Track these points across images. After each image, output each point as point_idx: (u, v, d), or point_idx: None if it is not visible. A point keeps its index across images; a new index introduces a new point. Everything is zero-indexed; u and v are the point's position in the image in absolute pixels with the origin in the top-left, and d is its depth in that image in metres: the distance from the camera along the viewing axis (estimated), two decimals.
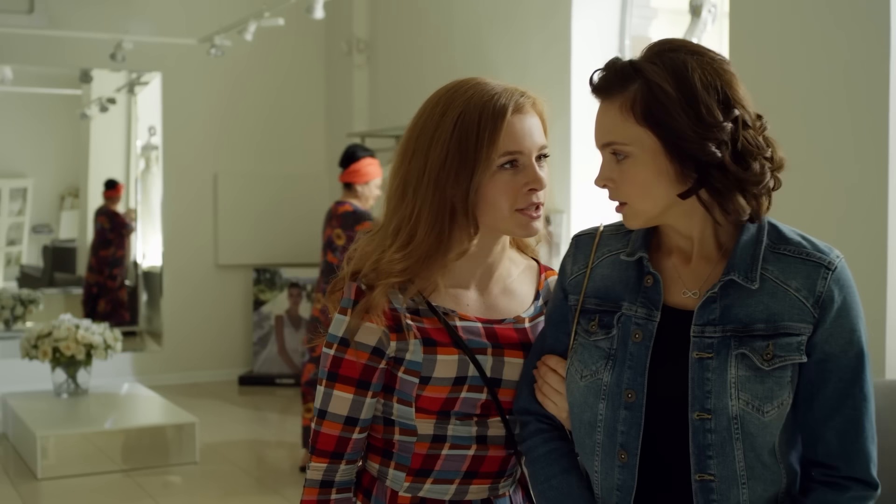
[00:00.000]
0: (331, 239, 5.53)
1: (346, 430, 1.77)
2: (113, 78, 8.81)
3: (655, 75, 1.56)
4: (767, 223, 1.65)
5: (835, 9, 3.61)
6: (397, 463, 1.80)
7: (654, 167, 1.58)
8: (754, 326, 1.58)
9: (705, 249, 1.66)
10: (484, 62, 6.64)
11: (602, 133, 1.62)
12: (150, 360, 8.58)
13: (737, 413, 1.56)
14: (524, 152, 1.74)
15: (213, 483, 5.78)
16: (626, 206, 1.63)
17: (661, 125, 1.55)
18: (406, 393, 1.76)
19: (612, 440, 1.65)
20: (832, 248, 1.63)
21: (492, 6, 6.68)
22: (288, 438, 6.89)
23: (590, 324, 1.72)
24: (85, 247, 9.16)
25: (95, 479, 5.70)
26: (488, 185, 1.73)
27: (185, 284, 8.58)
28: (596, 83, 1.62)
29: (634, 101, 1.56)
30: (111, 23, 8.05)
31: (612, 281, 1.72)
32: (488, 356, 1.76)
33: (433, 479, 1.78)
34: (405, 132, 1.82)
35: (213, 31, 7.52)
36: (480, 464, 1.79)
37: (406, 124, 6.48)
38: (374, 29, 8.25)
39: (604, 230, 1.80)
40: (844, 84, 3.53)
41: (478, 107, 1.72)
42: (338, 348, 1.77)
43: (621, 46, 6.01)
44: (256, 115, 8.64)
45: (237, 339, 8.73)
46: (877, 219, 3.39)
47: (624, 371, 1.64)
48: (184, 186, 8.54)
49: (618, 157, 1.60)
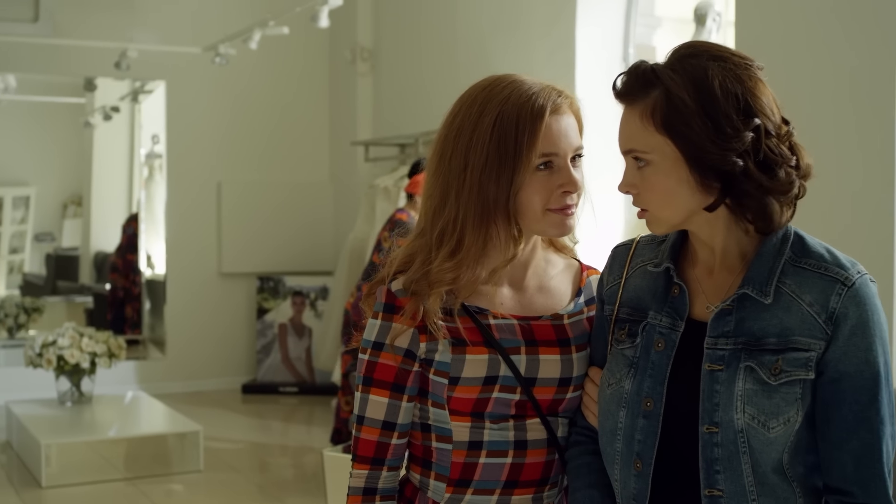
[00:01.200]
0: (380, 241, 5.81)
1: (384, 434, 1.76)
2: (116, 86, 8.83)
3: (674, 84, 1.53)
4: (793, 234, 1.61)
5: (841, 16, 3.62)
6: (437, 473, 1.79)
7: (675, 176, 1.56)
8: (766, 340, 1.55)
9: (728, 260, 1.64)
10: (488, 70, 6.61)
11: (624, 139, 1.60)
12: (154, 368, 8.57)
13: (742, 427, 1.53)
14: (560, 154, 1.73)
15: (217, 491, 5.77)
16: (647, 212, 1.61)
17: (679, 135, 1.53)
18: (438, 395, 1.75)
19: (629, 448, 1.64)
20: (856, 263, 1.58)
21: (495, 14, 6.69)
22: (291, 445, 6.89)
23: (620, 333, 1.72)
24: (88, 255, 9.17)
25: (100, 487, 5.70)
26: (525, 184, 1.72)
27: (188, 292, 8.58)
28: (619, 88, 1.60)
29: (654, 109, 1.54)
30: (116, 31, 8.06)
31: (642, 291, 1.72)
32: (522, 355, 1.75)
33: (473, 490, 1.76)
34: (440, 131, 1.80)
35: (218, 39, 7.53)
36: (520, 471, 1.77)
37: (410, 132, 6.52)
38: (378, 37, 8.26)
39: (640, 241, 1.79)
40: (850, 92, 3.53)
41: (516, 107, 1.71)
42: (371, 352, 1.77)
43: (625, 54, 6.02)
44: (260, 123, 8.64)
45: (240, 347, 8.73)
46: (883, 226, 3.39)
47: (645, 379, 1.64)
48: (188, 195, 8.54)
49: (639, 164, 1.58)
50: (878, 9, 3.48)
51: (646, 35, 6.20)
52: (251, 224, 8.52)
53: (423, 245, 1.79)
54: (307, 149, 8.76)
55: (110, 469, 5.88)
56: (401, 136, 7.52)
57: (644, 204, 1.61)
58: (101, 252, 9.24)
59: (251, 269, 8.60)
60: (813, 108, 3.59)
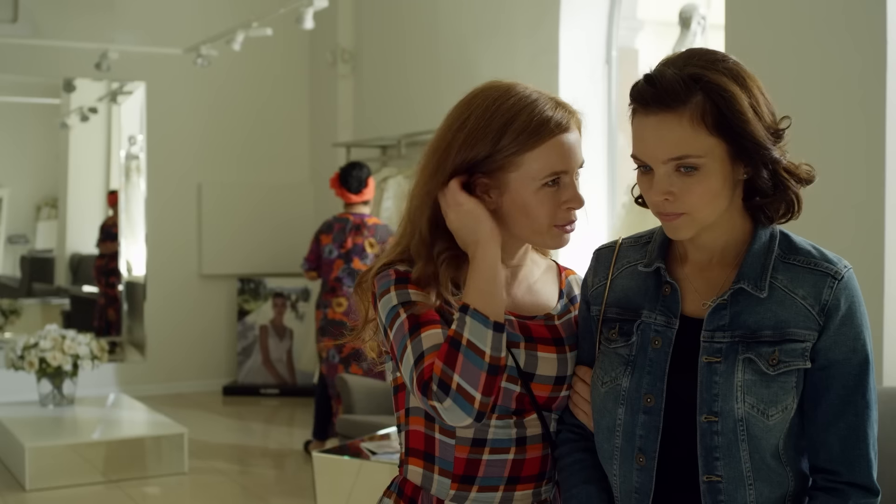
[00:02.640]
0: (362, 247, 6.05)
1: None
2: (94, 87, 8.77)
3: (726, 83, 1.57)
4: (779, 233, 1.69)
5: (830, 22, 3.66)
6: (441, 468, 1.80)
7: (722, 176, 1.59)
8: (762, 333, 1.61)
9: (722, 258, 1.69)
10: (470, 73, 6.67)
11: (667, 147, 1.58)
12: (133, 370, 8.54)
13: (742, 416, 1.59)
14: (568, 171, 1.76)
15: (201, 493, 5.77)
16: (683, 216, 1.61)
17: (736, 133, 1.57)
18: None
19: (630, 444, 1.68)
20: (841, 258, 1.66)
21: (478, 17, 6.72)
22: (273, 447, 6.89)
23: (610, 332, 1.76)
24: (64, 257, 9.10)
25: (84, 489, 5.68)
26: (531, 199, 1.75)
27: (168, 294, 8.56)
28: (650, 97, 1.60)
29: (704, 112, 1.56)
30: (96, 32, 8.03)
31: (631, 291, 1.76)
32: (521, 349, 1.78)
33: (478, 487, 1.78)
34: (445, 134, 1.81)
35: (199, 40, 7.52)
36: (521, 467, 1.80)
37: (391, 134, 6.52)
38: (359, 39, 8.27)
39: (622, 243, 1.83)
40: (839, 96, 3.57)
41: (528, 123, 1.74)
42: (406, 308, 1.74)
43: (608, 57, 6.06)
44: (241, 124, 8.64)
45: (221, 349, 8.71)
46: (872, 229, 3.44)
47: (643, 377, 1.68)
48: (168, 196, 8.52)
49: (684, 170, 1.59)
50: (867, 13, 3.52)
51: (628, 38, 6.25)
52: (231, 225, 8.51)
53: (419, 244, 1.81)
54: (288, 150, 8.76)
55: (94, 472, 5.86)
56: (381, 137, 7.54)
57: (681, 208, 1.61)
58: (76, 254, 9.18)
59: (232, 270, 8.59)
60: (801, 112, 3.62)
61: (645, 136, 1.61)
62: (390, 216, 7.01)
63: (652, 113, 1.60)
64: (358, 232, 6.12)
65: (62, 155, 8.97)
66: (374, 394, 5.53)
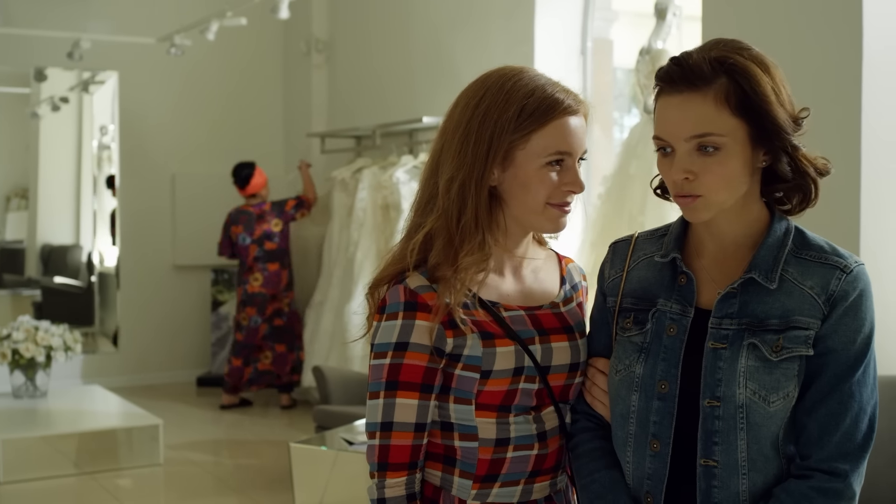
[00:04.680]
0: (269, 230, 7.60)
1: (417, 437, 1.73)
2: (65, 77, 8.70)
3: (752, 67, 1.60)
4: (794, 228, 1.71)
5: (807, 14, 3.69)
6: (462, 471, 1.77)
7: (742, 158, 1.62)
8: (769, 322, 1.64)
9: (739, 249, 1.71)
10: (445, 64, 6.67)
11: (690, 125, 1.61)
12: (106, 361, 8.49)
13: (743, 402, 1.62)
14: (572, 154, 1.77)
15: (176, 484, 5.76)
16: (700, 198, 1.63)
17: (759, 115, 1.60)
18: (465, 391, 1.74)
19: (644, 430, 1.70)
20: (854, 255, 1.69)
21: (453, 7, 6.71)
22: (248, 438, 6.87)
23: (625, 321, 1.78)
24: (35, 248, 9.03)
25: (59, 482, 5.65)
26: (533, 176, 1.75)
27: (141, 285, 8.52)
28: (677, 76, 1.62)
29: (728, 93, 1.59)
30: (68, 21, 7.97)
31: (647, 281, 1.78)
32: (537, 345, 1.78)
33: (500, 483, 1.77)
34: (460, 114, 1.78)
35: (172, 30, 7.47)
36: (543, 461, 1.80)
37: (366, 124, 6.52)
38: (334, 29, 8.24)
39: (638, 236, 1.86)
40: (816, 89, 3.59)
41: (539, 101, 1.74)
42: (394, 355, 1.72)
43: (583, 48, 6.07)
44: (214, 115, 8.60)
45: (195, 340, 8.68)
46: (848, 228, 3.48)
47: (658, 363, 1.70)
48: (140, 187, 8.48)
49: (706, 150, 1.61)
50: (843, 5, 3.55)
51: (603, 29, 6.27)
52: (205, 216, 8.45)
53: (442, 227, 1.77)
54: (262, 141, 8.71)
55: (69, 464, 5.83)
56: (356, 128, 7.52)
57: (700, 189, 1.63)
58: (47, 245, 9.11)
59: (205, 261, 8.55)
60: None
61: (668, 114, 1.64)
62: (365, 206, 7.01)
63: (677, 92, 1.63)
64: (262, 220, 7.59)
65: (33, 145, 8.89)
66: (350, 384, 5.53)
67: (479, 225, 1.76)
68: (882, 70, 3.54)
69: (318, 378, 5.50)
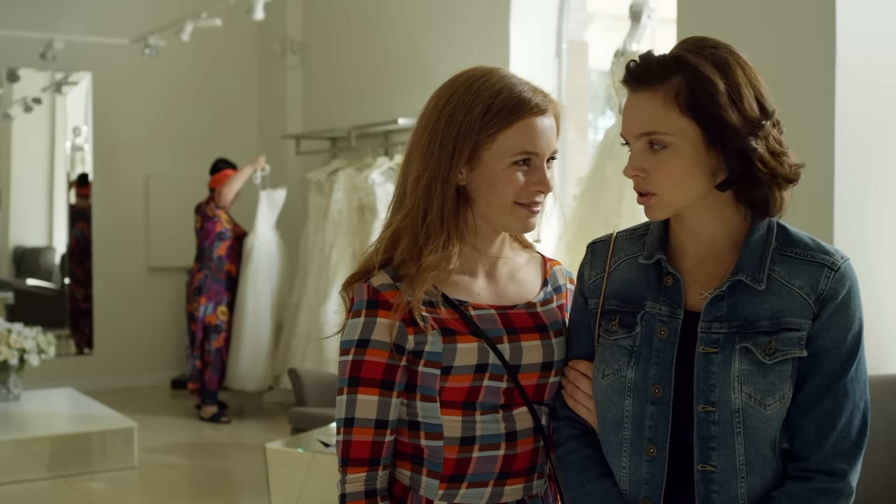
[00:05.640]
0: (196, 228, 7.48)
1: (378, 434, 1.75)
2: (38, 77, 8.64)
3: (704, 68, 1.60)
4: (776, 225, 1.70)
5: (781, 17, 3.71)
6: (429, 470, 1.78)
7: (692, 158, 1.61)
8: (759, 323, 1.63)
9: (718, 249, 1.70)
10: (420, 65, 6.67)
11: (640, 123, 1.63)
12: (81, 364, 8.44)
13: (739, 406, 1.61)
14: (539, 153, 1.76)
15: (151, 487, 5.73)
16: (653, 196, 1.65)
17: (708, 116, 1.59)
18: (429, 387, 1.75)
19: (639, 435, 1.68)
20: (839, 250, 1.68)
21: (428, 8, 6.72)
22: (223, 440, 6.85)
23: (610, 324, 1.75)
24: (7, 250, 8.95)
25: (32, 485, 5.61)
26: (499, 175, 1.75)
27: (116, 287, 8.47)
28: (635, 73, 1.64)
29: (679, 93, 1.60)
30: (41, 21, 7.92)
31: (631, 283, 1.76)
32: (505, 343, 1.77)
33: (468, 484, 1.77)
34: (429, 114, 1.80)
35: (147, 31, 7.44)
36: (512, 462, 1.79)
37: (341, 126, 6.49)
38: (308, 30, 8.23)
39: (617, 236, 1.84)
40: (790, 91, 3.62)
41: (505, 100, 1.74)
42: (356, 351, 1.74)
43: (559, 50, 6.09)
44: (189, 116, 8.56)
45: (170, 342, 8.64)
46: (822, 229, 3.51)
47: (650, 367, 1.68)
48: (114, 188, 8.43)
49: (654, 147, 1.62)
50: (817, 8, 3.57)
51: (578, 31, 6.29)
52: (180, 218, 8.40)
53: (410, 227, 1.78)
54: (237, 142, 8.68)
55: (42, 468, 5.79)
56: (331, 129, 7.51)
57: (652, 187, 1.64)
58: (19, 246, 9.05)
59: (180, 263, 8.50)
60: None
61: (627, 112, 1.66)
62: (340, 208, 7.00)
63: (633, 91, 1.65)
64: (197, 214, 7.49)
65: (5, 146, 8.82)
66: (325, 386, 5.52)
67: (444, 223, 1.76)
68: (855, 70, 3.57)
69: (293, 380, 5.48)
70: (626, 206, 4.74)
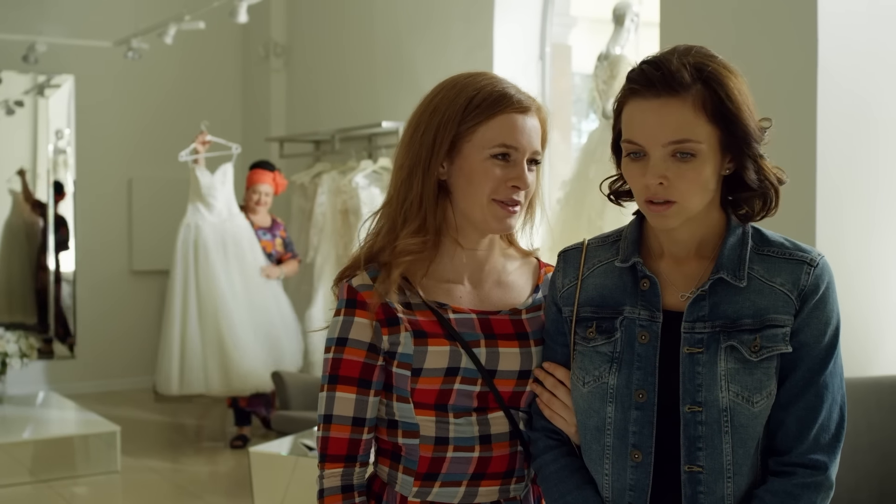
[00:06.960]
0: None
1: (355, 431, 1.78)
2: (20, 80, 8.60)
3: (727, 76, 1.61)
4: (751, 227, 1.71)
5: (764, 21, 3.72)
6: (405, 467, 1.80)
7: (713, 166, 1.62)
8: (742, 322, 1.64)
9: (701, 251, 1.71)
10: (405, 68, 6.67)
11: (669, 131, 1.60)
12: (62, 368, 8.40)
13: (727, 405, 1.62)
14: (518, 149, 1.77)
15: (134, 491, 5.71)
16: (673, 205, 1.62)
17: (732, 123, 1.60)
18: (402, 388, 1.77)
19: (623, 441, 1.68)
20: (814, 248, 1.70)
21: (412, 11, 6.72)
22: (206, 444, 6.83)
23: (587, 331, 1.74)
24: None
25: (14, 490, 5.58)
26: (477, 167, 1.77)
27: (99, 291, 8.44)
28: (657, 80, 1.60)
29: (705, 100, 1.59)
30: (23, 24, 7.88)
31: (607, 289, 1.75)
32: (482, 348, 1.78)
33: (441, 483, 1.78)
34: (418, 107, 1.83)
35: (129, 33, 7.42)
36: (487, 465, 1.79)
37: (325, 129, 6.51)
38: (292, 33, 8.22)
39: (589, 243, 1.83)
40: (772, 95, 3.63)
41: (487, 94, 1.76)
42: (335, 349, 1.78)
43: (542, 53, 6.10)
44: (172, 119, 8.53)
45: (153, 346, 8.58)
46: (804, 232, 3.52)
47: (633, 372, 1.68)
48: (97, 192, 8.40)
49: (681, 156, 1.60)
50: (800, 12, 3.59)
51: (562, 34, 6.30)
52: (162, 221, 8.37)
53: (389, 214, 1.83)
54: (220, 146, 8.64)
55: (23, 471, 5.76)
56: (314, 132, 7.50)
57: (673, 195, 1.61)
58: None
59: (162, 266, 8.45)
60: None
61: (646, 118, 1.62)
62: (325, 211, 6.99)
63: (654, 96, 1.61)
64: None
65: None
66: (309, 389, 5.52)
67: (421, 209, 1.79)
68: (837, 73, 3.58)
69: (277, 383, 5.48)
70: (610, 209, 4.74)
